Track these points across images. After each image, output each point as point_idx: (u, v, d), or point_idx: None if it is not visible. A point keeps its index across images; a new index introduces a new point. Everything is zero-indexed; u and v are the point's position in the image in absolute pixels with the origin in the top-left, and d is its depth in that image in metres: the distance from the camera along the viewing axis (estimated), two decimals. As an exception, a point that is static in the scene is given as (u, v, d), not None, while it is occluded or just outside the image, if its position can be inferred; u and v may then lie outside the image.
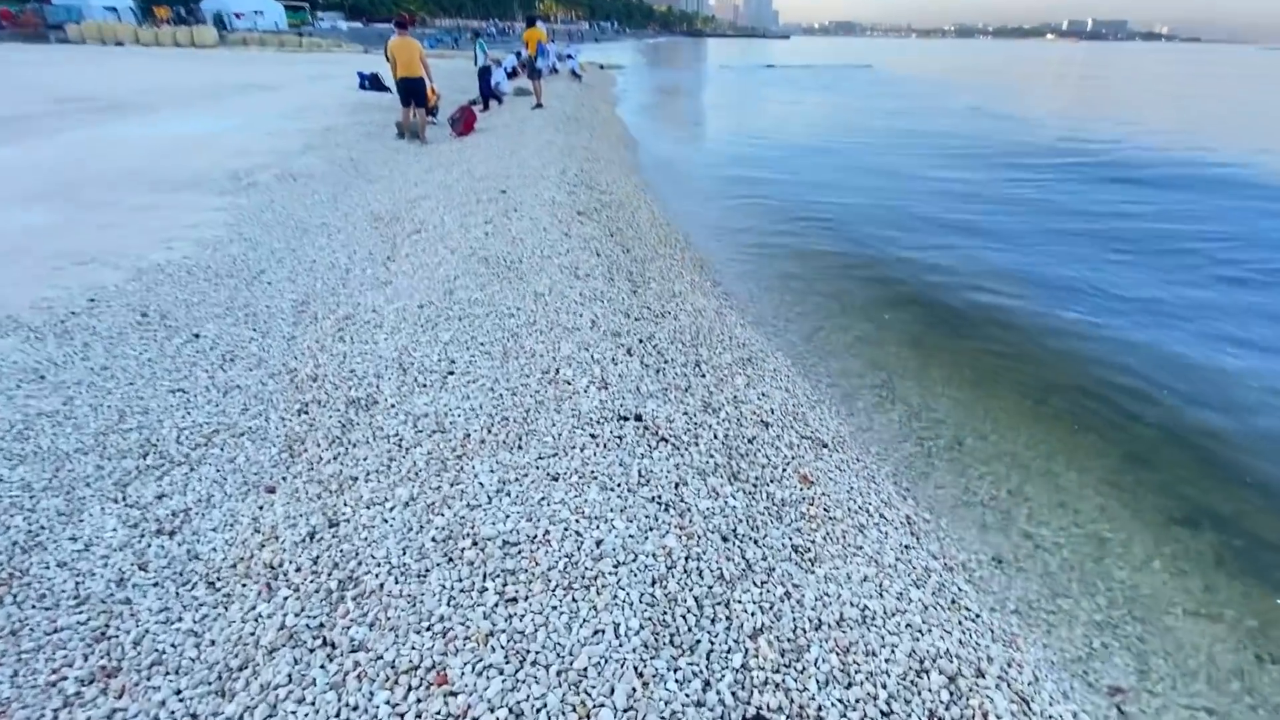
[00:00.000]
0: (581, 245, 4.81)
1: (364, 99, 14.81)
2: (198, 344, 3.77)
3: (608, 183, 7.65)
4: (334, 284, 4.64)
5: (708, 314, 4.21)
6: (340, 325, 3.70)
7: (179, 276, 4.76)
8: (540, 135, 9.75)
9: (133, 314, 4.10)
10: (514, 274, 4.13)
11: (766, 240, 6.82)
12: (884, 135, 14.08)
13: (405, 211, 6.28)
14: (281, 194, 7.22)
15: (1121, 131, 15.46)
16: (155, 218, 6.20)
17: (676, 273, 5.09)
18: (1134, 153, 12.58)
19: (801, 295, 5.36)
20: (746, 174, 10.05)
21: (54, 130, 10.07)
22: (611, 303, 3.85)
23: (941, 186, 9.30)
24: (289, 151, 9.19)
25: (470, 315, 3.54)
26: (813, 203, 8.31)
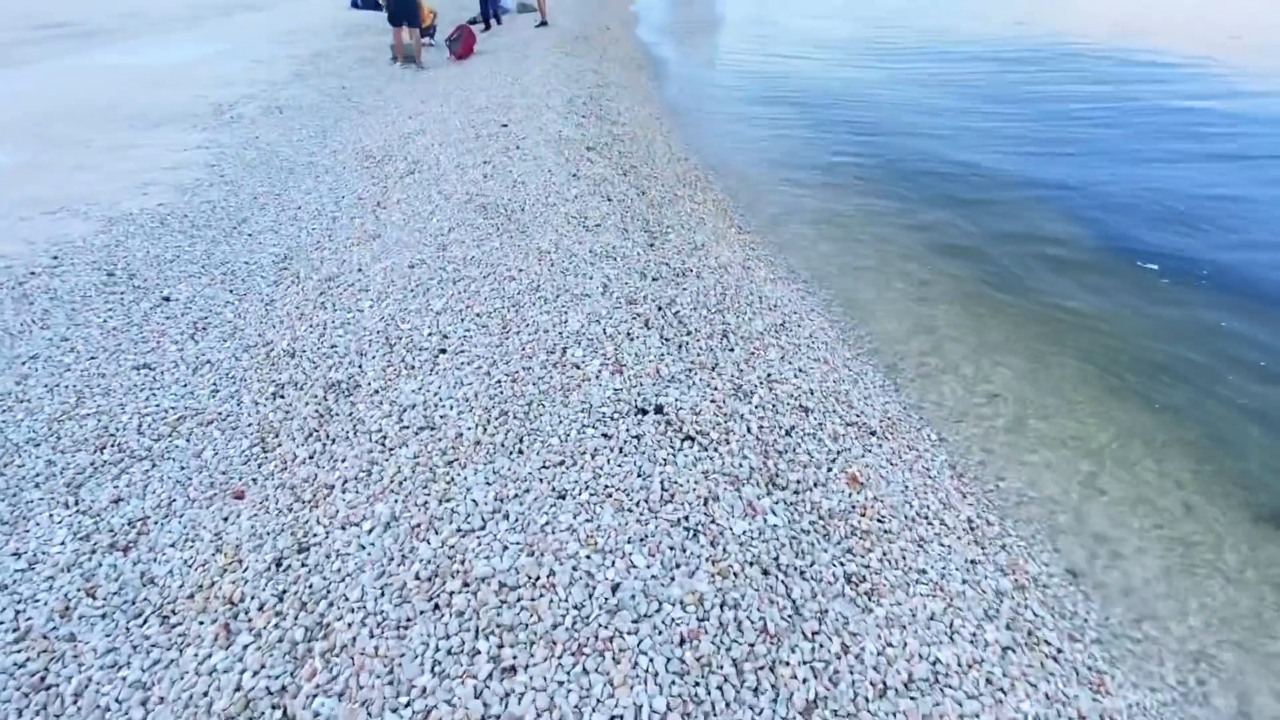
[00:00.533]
0: (591, 189, 4.29)
1: (358, 19, 13.73)
2: (168, 309, 3.40)
3: (620, 111, 6.96)
4: (319, 236, 4.20)
5: (734, 269, 3.74)
6: (323, 288, 3.30)
7: (152, 228, 4.34)
8: (546, 58, 8.92)
9: (99, 273, 3.72)
10: (515, 226, 3.66)
11: (796, 176, 6.18)
12: (925, 56, 12.85)
13: (398, 148, 5.72)
14: (267, 129, 6.66)
15: (1218, 51, 14.03)
16: (131, 158, 5.72)
17: (698, 218, 4.57)
18: (1229, 73, 11.38)
19: (838, 243, 4.83)
20: (773, 98, 9.18)
21: (27, 60, 9.39)
22: (626, 260, 3.39)
23: (994, 117, 8.43)
24: (276, 81, 8.50)
25: (466, 278, 3.12)
26: (848, 133, 7.56)
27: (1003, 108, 8.56)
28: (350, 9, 15.10)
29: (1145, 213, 5.34)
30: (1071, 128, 7.66)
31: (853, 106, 8.71)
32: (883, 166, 6.47)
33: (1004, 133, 7.50)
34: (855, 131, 7.57)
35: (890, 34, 15.44)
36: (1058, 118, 8.09)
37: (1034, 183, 5.99)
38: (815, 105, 8.80)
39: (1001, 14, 19.81)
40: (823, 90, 9.72)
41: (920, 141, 7.22)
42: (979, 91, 9.41)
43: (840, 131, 7.59)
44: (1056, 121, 7.96)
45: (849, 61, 12.00)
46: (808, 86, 10.00)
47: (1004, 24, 17.63)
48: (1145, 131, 7.51)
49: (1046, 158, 6.70)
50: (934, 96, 9.17)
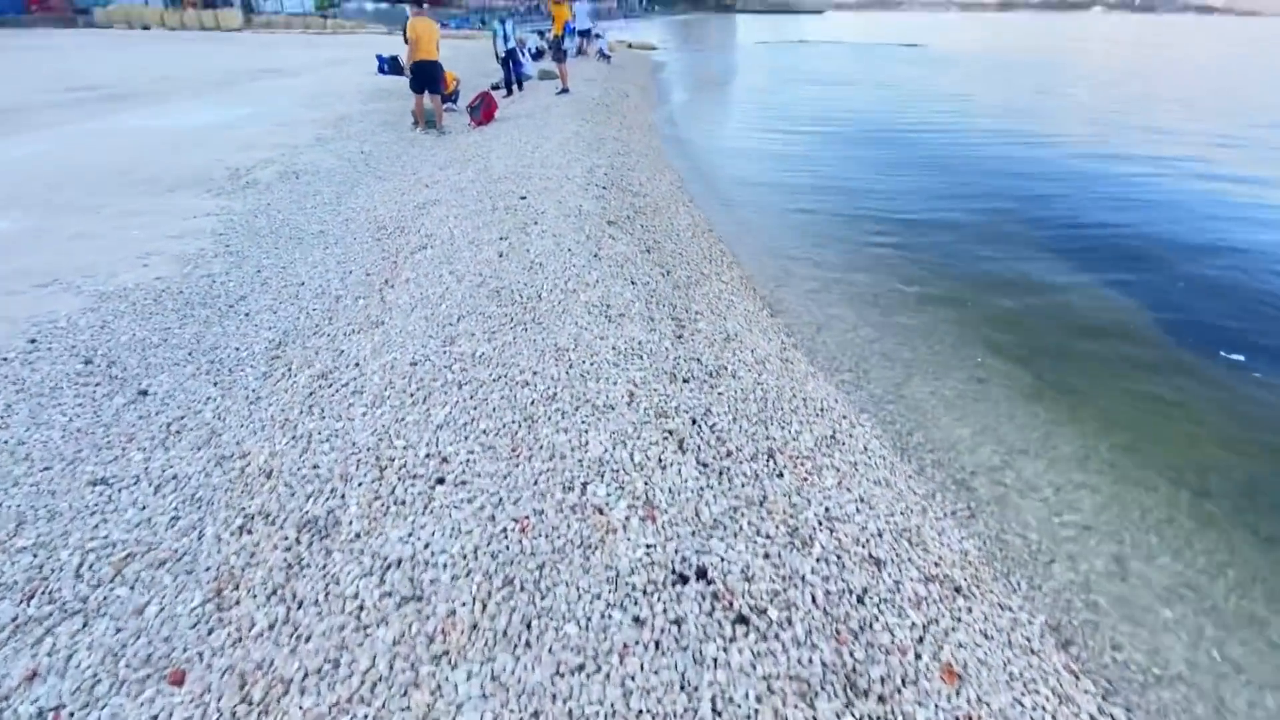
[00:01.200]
0: (614, 271, 3.97)
1: (383, 84, 14.05)
2: (142, 405, 3.05)
3: (641, 182, 6.77)
4: (319, 319, 3.89)
5: (771, 363, 3.35)
6: (314, 386, 2.94)
7: (144, 306, 4.06)
8: (566, 125, 8.88)
9: (75, 360, 3.40)
10: (531, 316, 3.31)
11: (825, 251, 5.88)
12: (952, 124, 12.82)
13: (412, 220, 5.50)
14: (281, 194, 6.52)
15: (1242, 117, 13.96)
16: (138, 225, 5.54)
17: (727, 301, 4.22)
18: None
19: (878, 328, 4.45)
20: (796, 168, 9.05)
21: (54, 122, 9.51)
22: (653, 357, 3.01)
23: (1026, 186, 8.19)
24: (297, 144, 8.49)
25: (473, 381, 2.74)
26: (877, 204, 7.31)
27: (1041, 184, 8.33)
28: (377, 74, 15.53)
29: (1222, 298, 4.94)
30: (1119, 210, 7.36)
31: (877, 180, 8.52)
32: (914, 244, 6.16)
33: (1047, 212, 7.22)
34: (882, 206, 7.32)
35: (910, 105, 15.56)
36: (1101, 198, 7.81)
37: (1086, 263, 5.63)
38: (837, 174, 8.63)
39: (1022, 80, 20.06)
40: (843, 158, 9.59)
41: (953, 219, 6.94)
42: (1012, 169, 9.21)
43: (866, 203, 7.35)
44: (1101, 201, 7.68)
45: (870, 134, 11.96)
46: (826, 155, 9.88)
47: (1027, 91, 17.78)
48: (1209, 213, 7.21)
49: (1096, 238, 6.37)
50: (964, 174, 8.98)
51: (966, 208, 7.22)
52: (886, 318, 4.66)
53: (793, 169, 8.97)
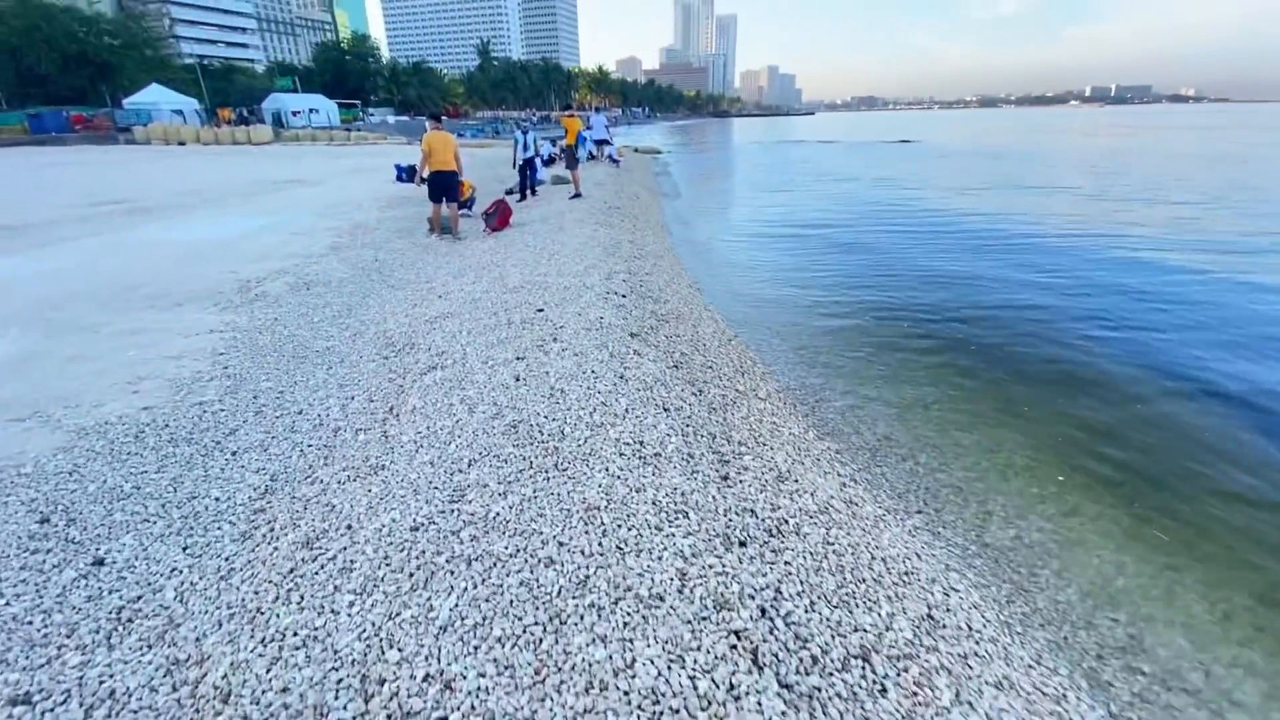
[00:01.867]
0: (643, 395, 3.56)
1: (400, 192, 14.46)
2: (95, 581, 2.57)
3: (660, 287, 6.53)
4: (313, 458, 3.46)
5: (836, 509, 2.85)
6: (296, 559, 2.45)
7: (122, 444, 3.66)
8: (581, 230, 8.85)
9: (31, 518, 2.96)
10: (554, 460, 2.87)
11: (863, 356, 5.49)
12: (966, 216, 12.88)
13: (423, 335, 5.19)
14: (290, 307, 6.31)
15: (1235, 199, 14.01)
16: (136, 345, 5.26)
17: (769, 425, 3.78)
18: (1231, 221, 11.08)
19: (938, 450, 3.96)
20: (815, 266, 8.89)
21: (73, 236, 9.62)
22: (702, 514, 2.53)
23: (1063, 280, 7.92)
24: (311, 254, 8.45)
25: (486, 556, 2.26)
26: (906, 300, 7.02)
27: (1079, 278, 8.08)
28: (396, 181, 16.06)
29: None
30: (1168, 305, 7.03)
31: (901, 276, 8.30)
32: (953, 344, 5.78)
33: (1095, 304, 6.89)
34: (910, 302, 7.03)
35: (920, 198, 15.81)
36: (1148, 293, 7.51)
37: (1157, 361, 5.20)
38: (858, 270, 8.43)
39: (1022, 172, 20.56)
40: (860, 252, 9.45)
41: (989, 313, 6.60)
42: (1040, 261, 9.02)
43: (893, 298, 7.07)
44: (1153, 295, 7.38)
45: (883, 228, 11.97)
46: (842, 250, 9.77)
47: (1030, 181, 18.12)
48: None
49: (1161, 334, 5.98)
50: (992, 267, 8.77)
51: (1002, 302, 6.90)
52: (943, 435, 4.19)
53: (812, 267, 8.81)
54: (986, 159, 27.77)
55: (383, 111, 69.35)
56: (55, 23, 45.21)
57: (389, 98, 77.46)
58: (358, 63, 76.35)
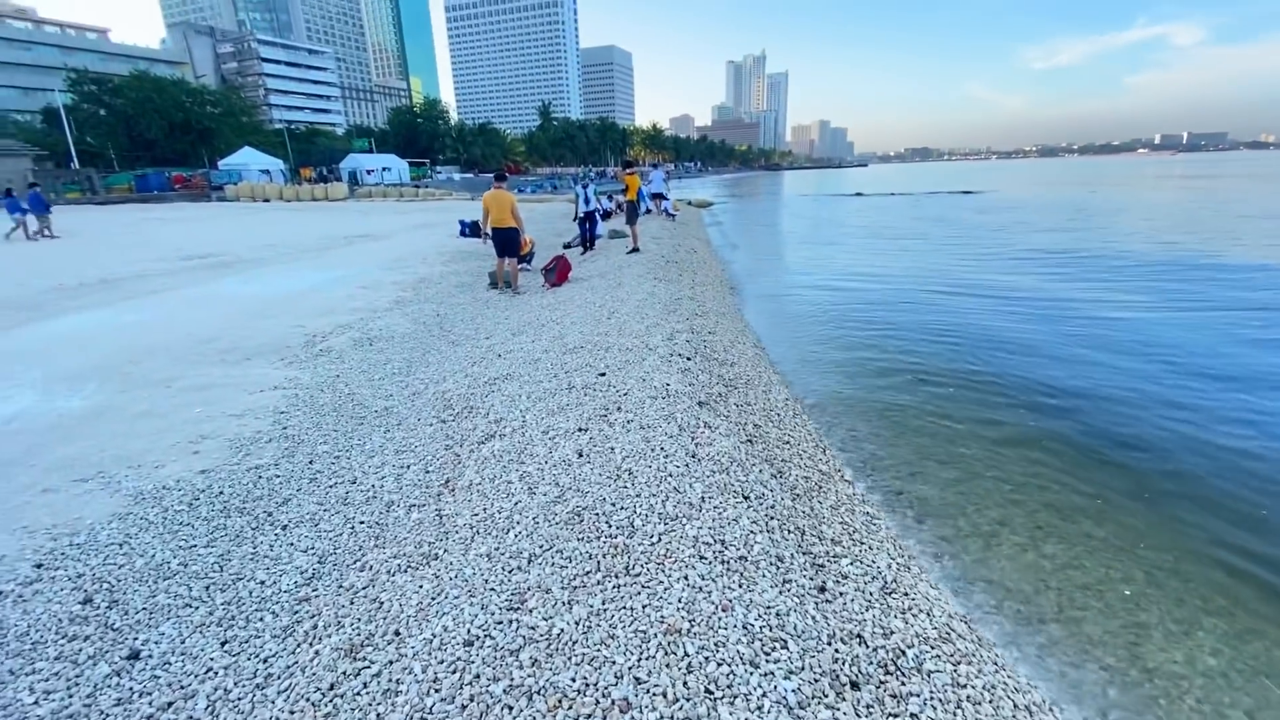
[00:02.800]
0: (719, 480, 3.21)
1: (464, 246, 14.86)
2: (128, 679, 2.35)
3: (725, 347, 6.22)
4: (363, 539, 3.23)
5: (960, 638, 2.38)
6: (337, 671, 2.17)
7: (176, 512, 3.54)
8: (640, 285, 8.70)
9: (75, 598, 2.81)
10: (624, 562, 2.53)
11: (955, 424, 4.97)
12: (1047, 280, 12.19)
13: (481, 398, 5.02)
14: (352, 364, 6.30)
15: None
16: (203, 401, 5.29)
17: (862, 517, 3.34)
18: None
19: (1064, 539, 3.41)
20: (877, 324, 8.42)
21: (162, 289, 10.15)
22: (803, 645, 2.12)
23: (1188, 355, 7.20)
24: (376, 308, 8.58)
25: (551, 690, 1.91)
26: (999, 365, 6.46)
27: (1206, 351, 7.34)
28: (459, 236, 16.55)
29: None
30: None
31: (988, 338, 7.73)
32: (1066, 412, 5.19)
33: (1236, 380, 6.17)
34: (1003, 366, 6.45)
35: (989, 254, 15.12)
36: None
37: None
38: (940, 334, 7.90)
39: (1113, 225, 19.53)
40: (937, 315, 8.92)
41: (1096, 386, 5.96)
42: (1159, 335, 8.30)
43: (984, 362, 6.51)
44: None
45: (959, 287, 11.39)
46: (916, 311, 9.25)
47: (1123, 237, 17.14)
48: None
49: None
50: (1095, 335, 8.10)
51: (1108, 377, 6.24)
52: (1067, 521, 3.62)
53: (878, 325, 8.34)
54: (1064, 211, 26.65)
55: (449, 169, 73.28)
56: (166, 94, 50.29)
57: (455, 156, 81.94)
58: (428, 124, 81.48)
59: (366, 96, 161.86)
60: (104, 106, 49.20)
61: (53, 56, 69.06)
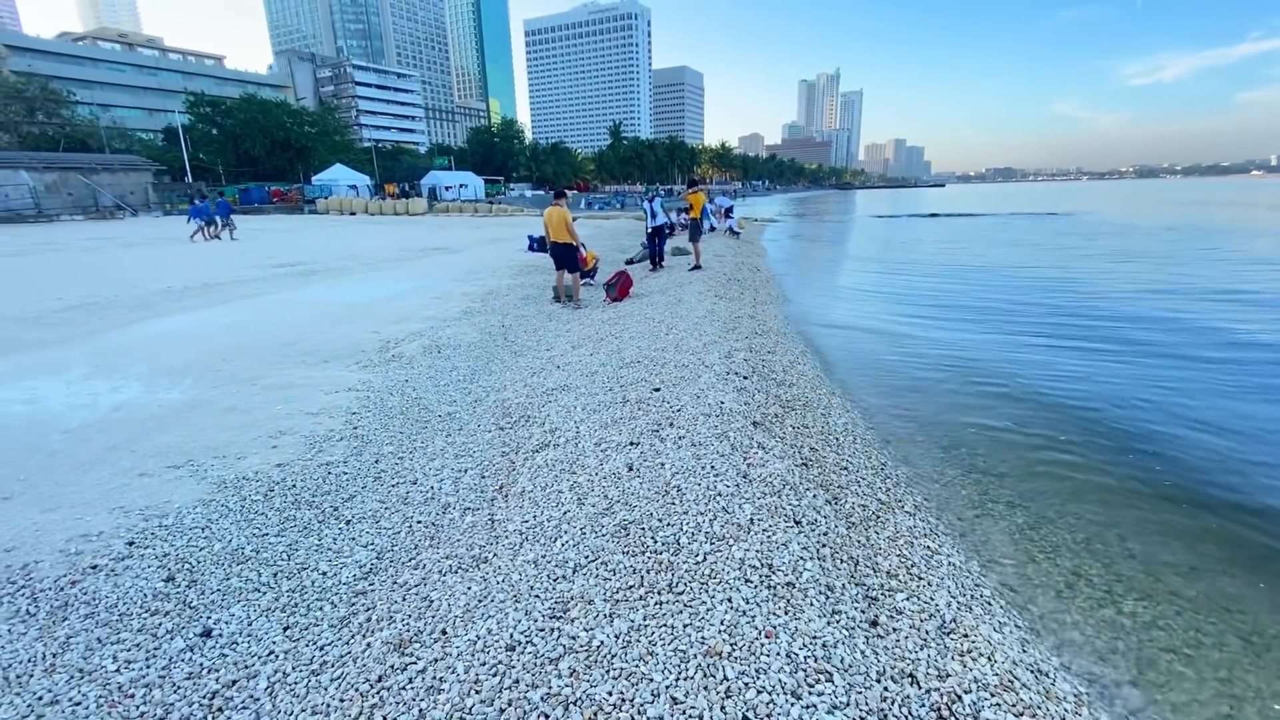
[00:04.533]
0: (769, 502, 3.13)
1: (531, 260, 15.30)
2: (199, 655, 2.52)
3: (784, 368, 6.10)
4: (419, 537, 3.35)
5: (1027, 688, 2.21)
6: (386, 665, 2.25)
7: (253, 502, 3.78)
8: (700, 303, 8.69)
9: (158, 576, 3.04)
10: (668, 579, 2.50)
11: (1020, 459, 4.67)
12: (1141, 305, 11.39)
13: (538, 408, 5.12)
14: (421, 369, 6.58)
15: None
16: (284, 400, 5.64)
17: (922, 550, 3.18)
18: None
19: (1149, 598, 3.13)
20: (948, 348, 8.04)
21: (254, 294, 10.94)
22: (850, 681, 2.02)
23: None
24: (445, 318, 8.94)
25: (587, 702, 1.91)
26: (1062, 393, 6.05)
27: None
28: (527, 251, 17.06)
29: None
30: None
31: (1059, 368, 7.25)
32: (1146, 458, 4.79)
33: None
34: (1080, 404, 6.03)
35: (1071, 277, 14.24)
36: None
37: None
38: (998, 357, 7.48)
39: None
40: (1004, 335, 8.44)
41: (1202, 426, 5.48)
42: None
43: (1057, 389, 6.10)
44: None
45: (1041, 310, 10.79)
46: (981, 329, 8.80)
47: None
48: None
49: None
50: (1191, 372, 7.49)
51: (1226, 413, 5.72)
52: (1152, 577, 3.32)
53: (949, 350, 7.96)
54: (1165, 233, 24.80)
55: (521, 186, 75.90)
56: (269, 115, 54.68)
57: (528, 174, 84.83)
58: (504, 143, 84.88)
59: (448, 116, 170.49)
60: (216, 126, 53.99)
61: (175, 81, 76.60)
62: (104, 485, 3.96)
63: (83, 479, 4.05)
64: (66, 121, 50.35)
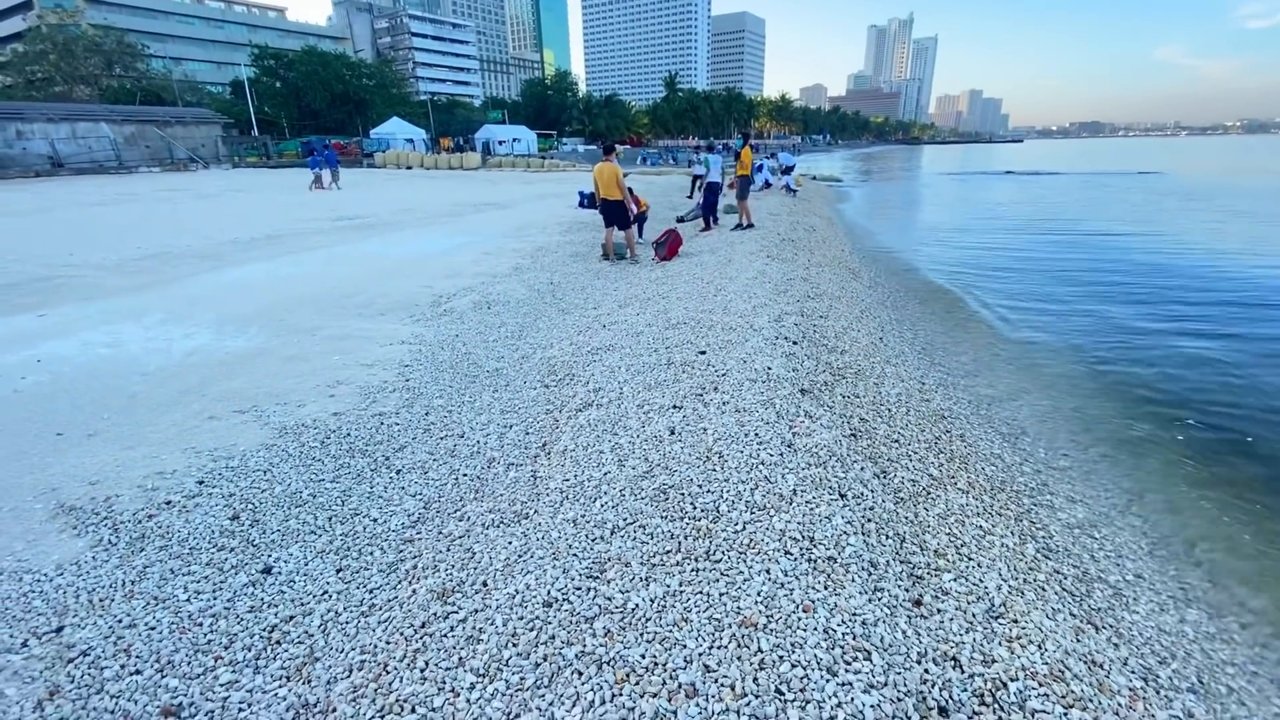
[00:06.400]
0: (814, 473, 3.05)
1: (581, 217, 15.18)
2: (260, 590, 2.68)
3: (837, 334, 5.90)
4: (465, 490, 3.44)
5: (1079, 680, 2.11)
6: (429, 612, 2.34)
7: (311, 448, 3.95)
8: (751, 263, 8.45)
9: (225, 513, 3.23)
10: (705, 546, 2.48)
11: (1087, 444, 4.41)
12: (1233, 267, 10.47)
13: (583, 367, 5.13)
14: (471, 324, 6.68)
15: None
16: (341, 350, 5.84)
17: (973, 529, 3.05)
18: None
19: (1214, 611, 2.94)
20: (1018, 322, 7.60)
21: (316, 246, 11.29)
22: (888, 658, 1.98)
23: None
24: (496, 274, 9.01)
25: (620, 662, 1.93)
26: (1142, 374, 5.64)
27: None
28: (578, 208, 16.93)
29: None
30: None
31: (1140, 345, 6.76)
32: (1234, 453, 4.44)
33: None
34: (1165, 385, 5.61)
35: (1162, 242, 13.15)
36: None
37: None
38: (1072, 333, 7.01)
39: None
40: (1081, 308, 7.90)
41: None
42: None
43: (1137, 369, 5.70)
44: None
45: (1122, 277, 10.07)
46: (1056, 303, 8.26)
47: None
48: None
49: None
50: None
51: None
52: (1219, 588, 3.10)
53: (1019, 324, 7.52)
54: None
55: (574, 141, 75.05)
56: (330, 68, 55.39)
57: (581, 128, 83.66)
58: (558, 96, 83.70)
59: (502, 69, 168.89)
60: (279, 79, 55.14)
61: (240, 34, 78.27)
62: (178, 426, 4.22)
63: (159, 420, 4.32)
64: (142, 75, 52.36)
